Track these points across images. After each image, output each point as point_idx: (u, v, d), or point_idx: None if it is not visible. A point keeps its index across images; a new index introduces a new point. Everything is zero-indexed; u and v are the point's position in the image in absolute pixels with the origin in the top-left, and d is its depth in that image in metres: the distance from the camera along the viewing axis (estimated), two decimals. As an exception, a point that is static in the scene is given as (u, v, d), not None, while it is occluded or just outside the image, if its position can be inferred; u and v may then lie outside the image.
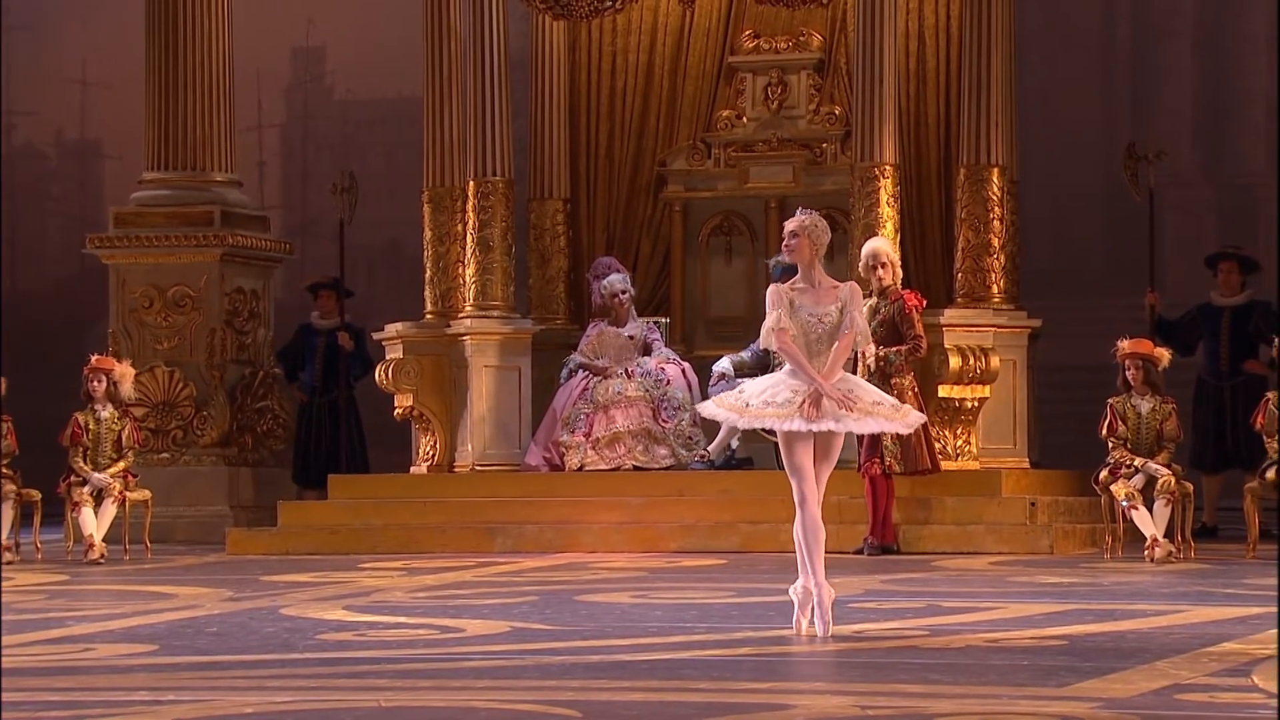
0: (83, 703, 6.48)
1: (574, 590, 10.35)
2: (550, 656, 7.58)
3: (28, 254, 20.69)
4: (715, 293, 15.19)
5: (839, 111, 14.85)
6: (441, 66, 14.36)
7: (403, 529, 13.65)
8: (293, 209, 20.09)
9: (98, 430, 13.47)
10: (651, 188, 15.41)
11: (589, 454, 13.95)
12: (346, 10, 19.41)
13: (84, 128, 20.72)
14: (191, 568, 12.66)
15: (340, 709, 6.33)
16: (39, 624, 9.00)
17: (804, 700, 6.33)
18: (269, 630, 8.58)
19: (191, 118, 15.75)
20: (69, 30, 20.20)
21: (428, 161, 14.53)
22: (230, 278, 15.96)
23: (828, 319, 8.24)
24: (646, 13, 15.19)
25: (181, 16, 15.67)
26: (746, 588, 10.38)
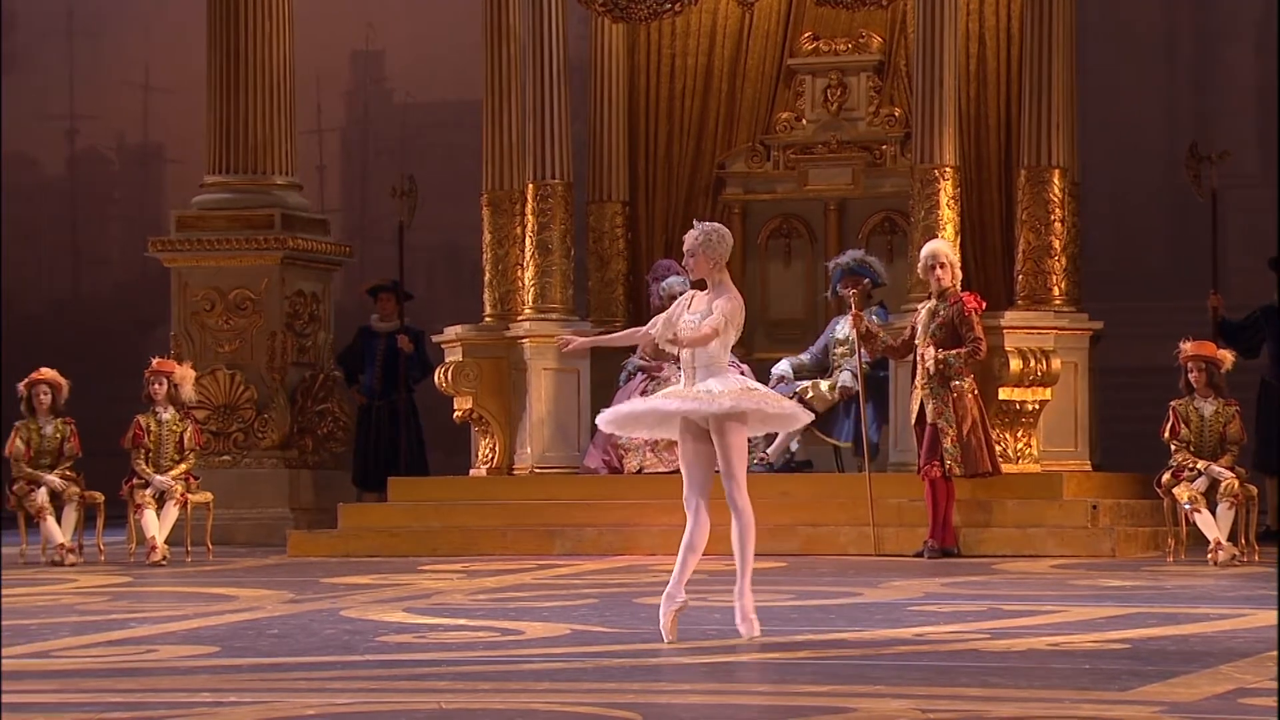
0: (145, 704, 6.51)
1: (633, 593, 10.35)
2: (610, 659, 7.58)
3: (90, 257, 20.85)
4: (774, 295, 15.17)
5: (899, 113, 14.81)
6: (501, 70, 14.39)
7: (462, 531, 13.68)
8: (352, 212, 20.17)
9: (159, 433, 13.54)
10: (710, 190, 15.40)
11: (648, 456, 13.94)
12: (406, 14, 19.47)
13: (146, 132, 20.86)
14: (252, 570, 12.71)
15: (400, 711, 6.34)
16: (102, 625, 9.05)
17: (864, 703, 6.31)
18: (329, 632, 8.60)
19: (252, 122, 15.82)
20: (131, 36, 20.33)
21: (487, 165, 14.56)
22: (291, 281, 16.02)
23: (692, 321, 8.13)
24: (705, 15, 15.18)
25: (242, 21, 15.75)
26: (805, 590, 10.36)
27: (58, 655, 7.85)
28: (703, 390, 8.01)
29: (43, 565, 13.15)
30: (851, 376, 13.61)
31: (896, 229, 14.79)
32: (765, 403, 8.08)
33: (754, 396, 8.04)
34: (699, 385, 8.04)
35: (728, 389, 7.99)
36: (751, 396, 8.03)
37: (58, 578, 12.05)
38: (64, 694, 6.77)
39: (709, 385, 8.02)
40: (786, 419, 8.29)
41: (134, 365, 14.77)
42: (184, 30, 18.49)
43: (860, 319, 13.07)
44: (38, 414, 13.58)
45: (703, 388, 8.02)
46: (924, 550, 12.64)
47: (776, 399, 8.22)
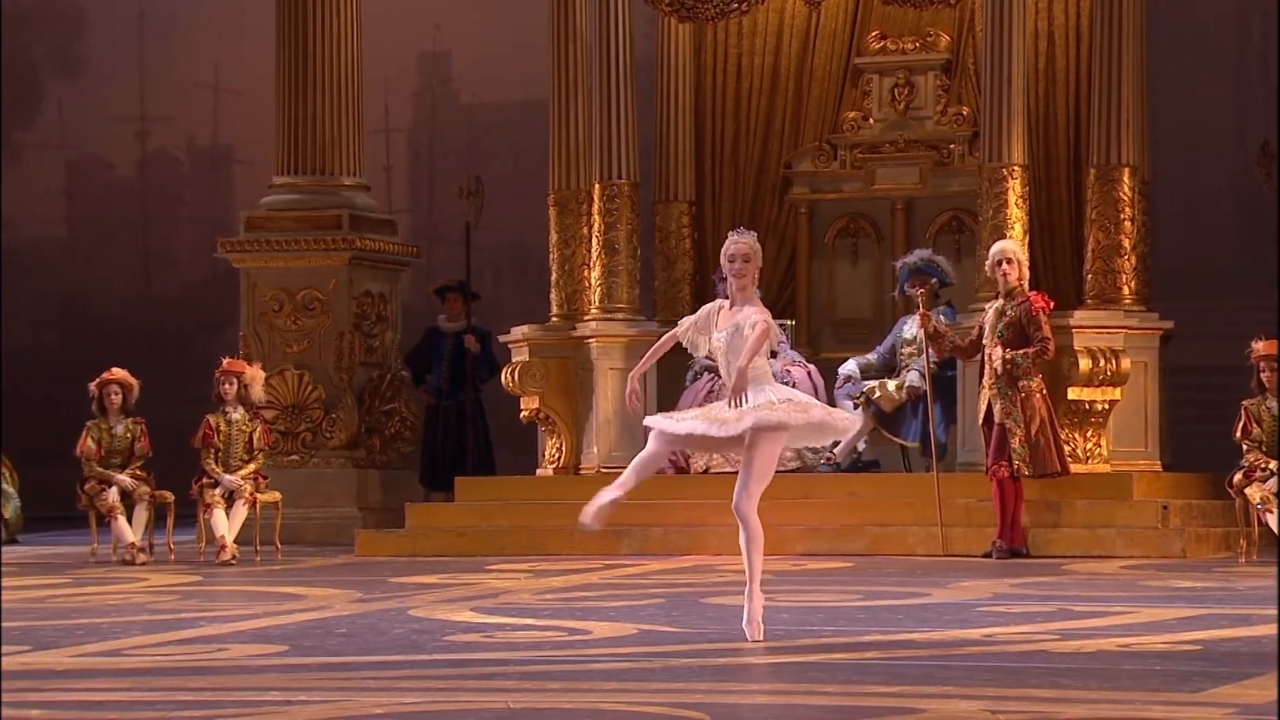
0: (215, 703, 6.54)
1: (700, 592, 10.34)
2: (677, 659, 7.57)
3: (161, 258, 20.98)
4: (841, 295, 15.14)
5: (967, 112, 14.75)
6: (567, 70, 14.40)
7: (529, 531, 13.69)
8: (420, 212, 20.23)
9: (229, 433, 13.61)
10: (777, 189, 15.38)
11: (714, 456, 13.91)
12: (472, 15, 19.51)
13: (216, 133, 20.98)
14: (321, 569, 12.76)
15: (468, 710, 6.35)
16: (172, 624, 9.10)
17: (933, 704, 6.28)
18: (398, 631, 8.63)
19: (321, 123, 15.89)
20: (202, 38, 20.45)
21: (553, 165, 14.58)
22: (358, 281, 16.08)
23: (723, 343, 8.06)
24: (772, 15, 15.16)
25: (311, 23, 15.82)
26: (873, 590, 10.33)
27: (129, 654, 7.90)
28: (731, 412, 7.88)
29: (114, 564, 13.24)
30: (919, 376, 13.56)
31: (964, 228, 14.74)
32: (788, 415, 7.86)
33: (777, 409, 7.86)
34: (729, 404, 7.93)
35: (754, 404, 7.85)
36: (775, 409, 7.86)
37: (128, 576, 12.13)
38: (135, 692, 6.81)
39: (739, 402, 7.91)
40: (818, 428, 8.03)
41: (204, 366, 14.86)
42: (253, 32, 18.59)
43: (927, 318, 13.03)
44: (109, 414, 13.68)
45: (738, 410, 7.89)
46: (992, 550, 12.58)
47: (803, 408, 7.97)
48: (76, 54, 20.94)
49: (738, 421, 7.87)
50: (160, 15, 20.65)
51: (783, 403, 7.91)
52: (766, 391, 7.94)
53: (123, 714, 6.35)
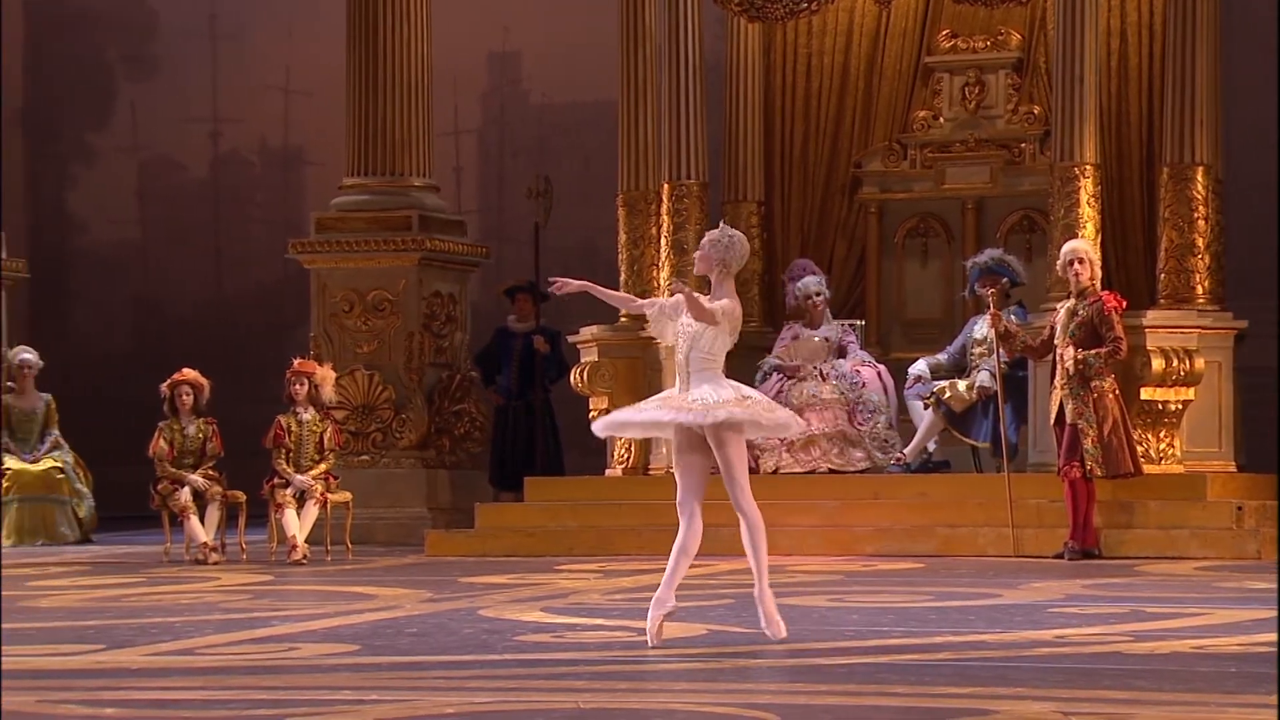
0: (287, 701, 6.57)
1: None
2: (747, 659, 7.56)
3: (232, 259, 21.10)
4: (911, 295, 15.09)
5: (1038, 111, 14.68)
6: (636, 70, 14.40)
7: (598, 531, 13.70)
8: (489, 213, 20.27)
9: (300, 433, 13.68)
10: (846, 189, 15.34)
11: (784, 457, 13.90)
12: (542, 15, 19.54)
13: (287, 135, 21.08)
14: (391, 569, 12.80)
15: (538, 710, 6.36)
16: (244, 623, 9.15)
17: (1005, 705, 6.25)
18: (468, 631, 8.64)
19: (390, 124, 15.95)
20: (273, 40, 20.56)
21: (622, 165, 14.58)
22: (428, 281, 16.13)
23: (689, 328, 8.04)
24: (842, 14, 15.12)
25: (381, 24, 15.88)
26: (944, 591, 10.28)
27: (201, 653, 7.94)
28: (697, 400, 7.90)
29: (186, 564, 13.32)
30: (990, 376, 13.50)
31: (1035, 227, 14.66)
32: (759, 413, 7.93)
33: (748, 406, 7.90)
34: (693, 392, 7.93)
35: (722, 398, 7.88)
36: (746, 406, 7.90)
37: (201, 576, 12.20)
38: (208, 691, 6.85)
39: (703, 394, 7.91)
40: (780, 427, 8.13)
41: (275, 366, 14.94)
42: (324, 34, 18.67)
43: (998, 318, 12.97)
44: (180, 414, 13.76)
45: (697, 395, 7.91)
46: (1064, 551, 12.51)
47: (769, 407, 8.06)
48: (149, 56, 21.08)
49: (705, 413, 7.87)
50: (231, 17, 20.77)
51: (747, 399, 7.94)
52: (725, 387, 7.93)
53: (196, 713, 6.38)
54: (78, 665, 7.58)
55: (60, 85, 21.10)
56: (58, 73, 21.12)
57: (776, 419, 8.03)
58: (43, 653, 7.95)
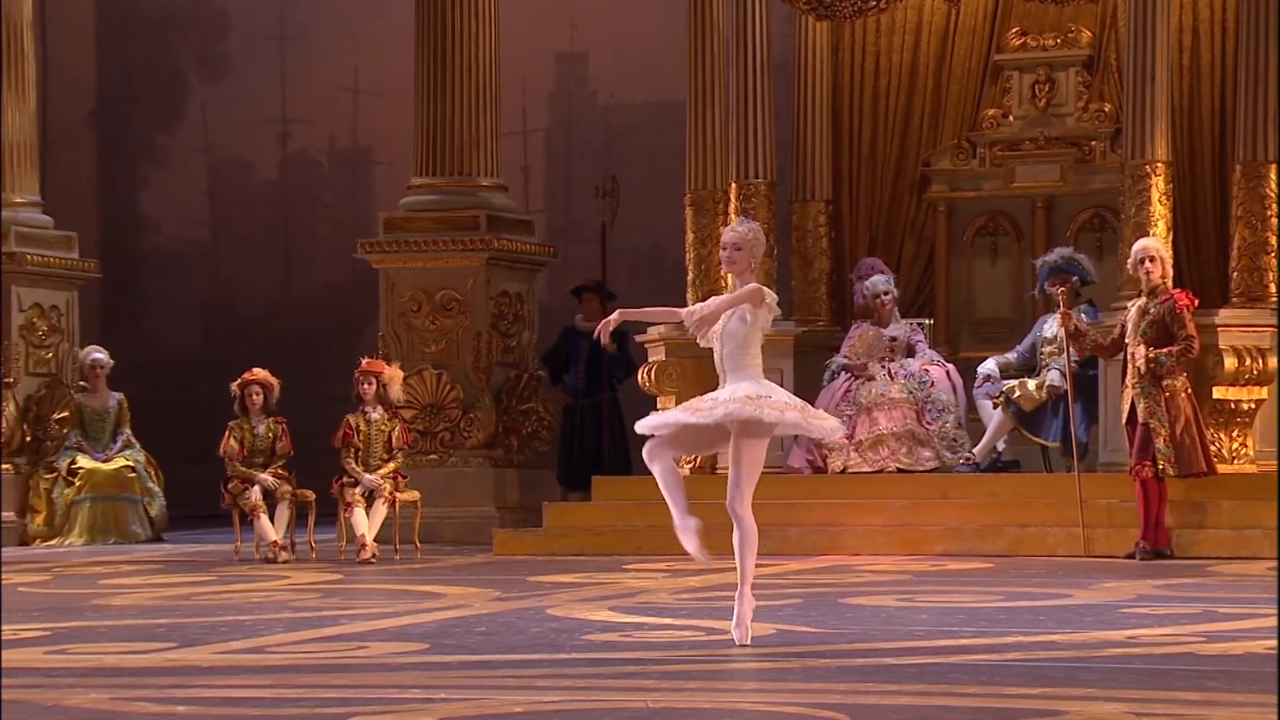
0: (356, 700, 6.59)
1: (839, 593, 10.29)
2: (816, 659, 7.54)
3: (301, 259, 21.19)
4: (980, 294, 15.03)
5: (1109, 108, 14.59)
6: (704, 69, 14.39)
7: (666, 530, 13.54)
8: (556, 212, 20.29)
9: (368, 432, 13.72)
10: (915, 188, 15.29)
11: (852, 456, 13.86)
12: (609, 15, 19.54)
13: (355, 135, 21.16)
14: (459, 568, 12.83)
15: (607, 710, 6.35)
16: (314, 622, 9.19)
17: (1076, 706, 6.21)
18: (536, 630, 8.65)
19: (459, 124, 15.99)
20: (341, 40, 20.63)
21: (690, 164, 14.57)
22: (496, 281, 16.16)
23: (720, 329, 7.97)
24: (911, 12, 15.07)
25: (450, 25, 15.92)
26: (1014, 591, 10.23)
27: (272, 651, 7.97)
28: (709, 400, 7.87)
29: (256, 562, 13.39)
30: (1060, 375, 13.42)
31: (1106, 226, 14.58)
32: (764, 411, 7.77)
33: (757, 403, 7.78)
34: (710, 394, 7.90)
35: (732, 396, 7.81)
36: (754, 403, 7.78)
37: (271, 574, 12.26)
38: (278, 689, 6.88)
39: (719, 394, 7.88)
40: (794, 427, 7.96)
41: (343, 366, 14.99)
42: (392, 34, 18.73)
43: (1068, 317, 12.90)
44: (250, 414, 13.84)
45: (712, 396, 7.89)
46: (1136, 551, 12.43)
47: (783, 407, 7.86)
48: (219, 58, 21.20)
49: (710, 412, 7.83)
50: (300, 19, 20.85)
51: (763, 397, 7.82)
52: (750, 385, 7.85)
53: (266, 710, 6.41)
54: (149, 663, 7.63)
55: (132, 87, 21.25)
56: (129, 74, 21.27)
57: (785, 419, 7.85)
58: (115, 650, 8.00)
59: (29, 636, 8.56)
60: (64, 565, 13.39)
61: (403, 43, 16.76)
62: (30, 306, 16.58)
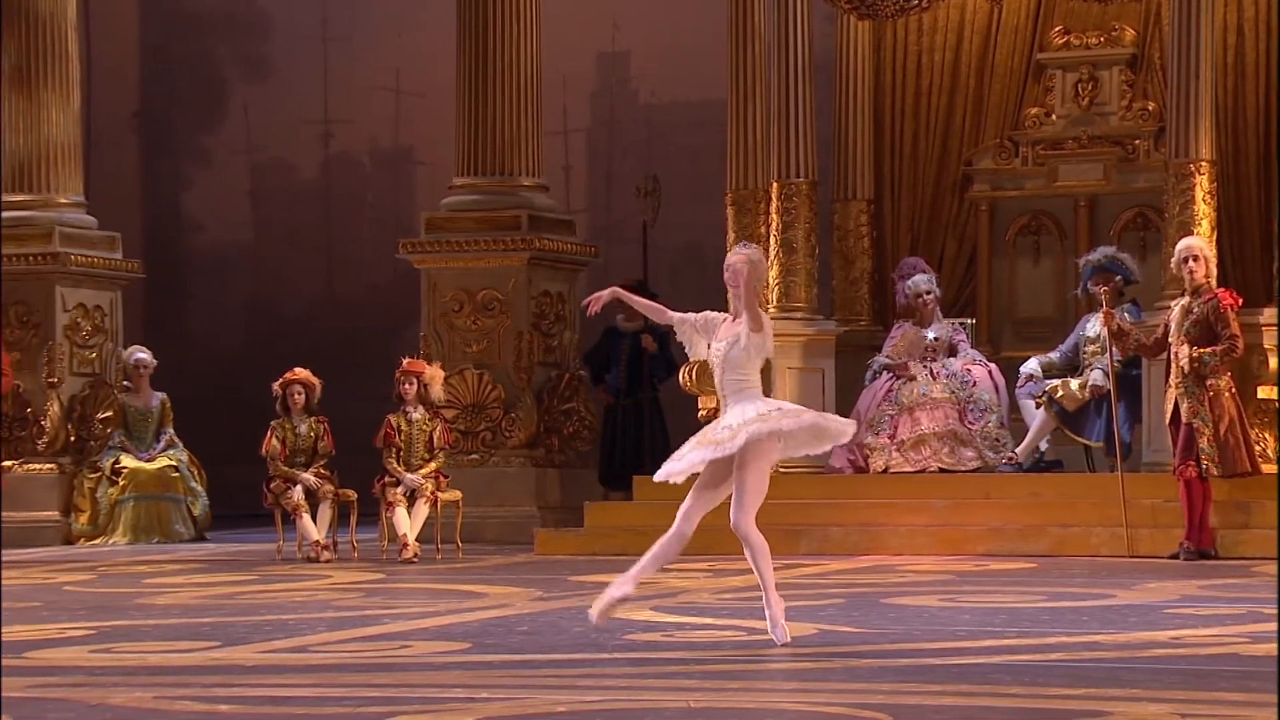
0: (399, 699, 6.60)
1: (880, 593, 10.27)
2: (858, 659, 7.53)
3: (343, 259, 21.23)
4: (1023, 293, 14.98)
5: (1152, 107, 14.53)
6: (746, 69, 14.37)
7: (707, 530, 13.51)
8: (598, 212, 20.28)
9: (410, 432, 13.75)
10: (957, 187, 15.26)
11: (894, 456, 13.83)
12: (651, 14, 19.53)
13: (397, 135, 21.19)
14: (501, 568, 12.85)
15: (649, 709, 6.35)
16: (356, 621, 9.21)
17: (1120, 707, 6.19)
18: (578, 630, 8.65)
19: (500, 124, 16.00)
20: (383, 41, 20.67)
21: (731, 164, 14.55)
22: (537, 281, 16.17)
23: (721, 352, 7.99)
24: (953, 11, 15.04)
25: (491, 25, 15.94)
26: (1057, 592, 10.19)
27: (315, 650, 7.99)
28: (725, 428, 7.88)
29: (299, 561, 13.42)
30: (1103, 375, 13.38)
31: (1150, 225, 14.52)
32: (781, 423, 7.85)
33: (769, 418, 7.84)
34: (723, 420, 7.92)
35: (745, 418, 7.84)
36: (766, 419, 7.84)
37: (313, 574, 12.29)
38: (321, 688, 6.89)
39: (730, 419, 7.89)
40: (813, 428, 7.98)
41: (385, 366, 15.02)
42: (433, 35, 18.75)
43: (1111, 316, 12.85)
44: (292, 413, 13.87)
45: (725, 423, 7.90)
46: (1180, 552, 12.38)
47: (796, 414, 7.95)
48: (262, 59, 21.26)
49: (732, 440, 7.86)
50: (342, 19, 20.90)
51: (773, 412, 7.89)
52: (756, 404, 7.91)
53: (309, 709, 6.43)
54: (193, 662, 7.65)
55: (175, 88, 21.32)
56: (172, 75, 21.35)
57: (802, 422, 7.94)
58: (159, 650, 8.03)
59: (74, 635, 8.60)
60: (108, 564, 13.46)
61: (444, 43, 16.78)
62: (74, 307, 16.66)
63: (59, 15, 16.53)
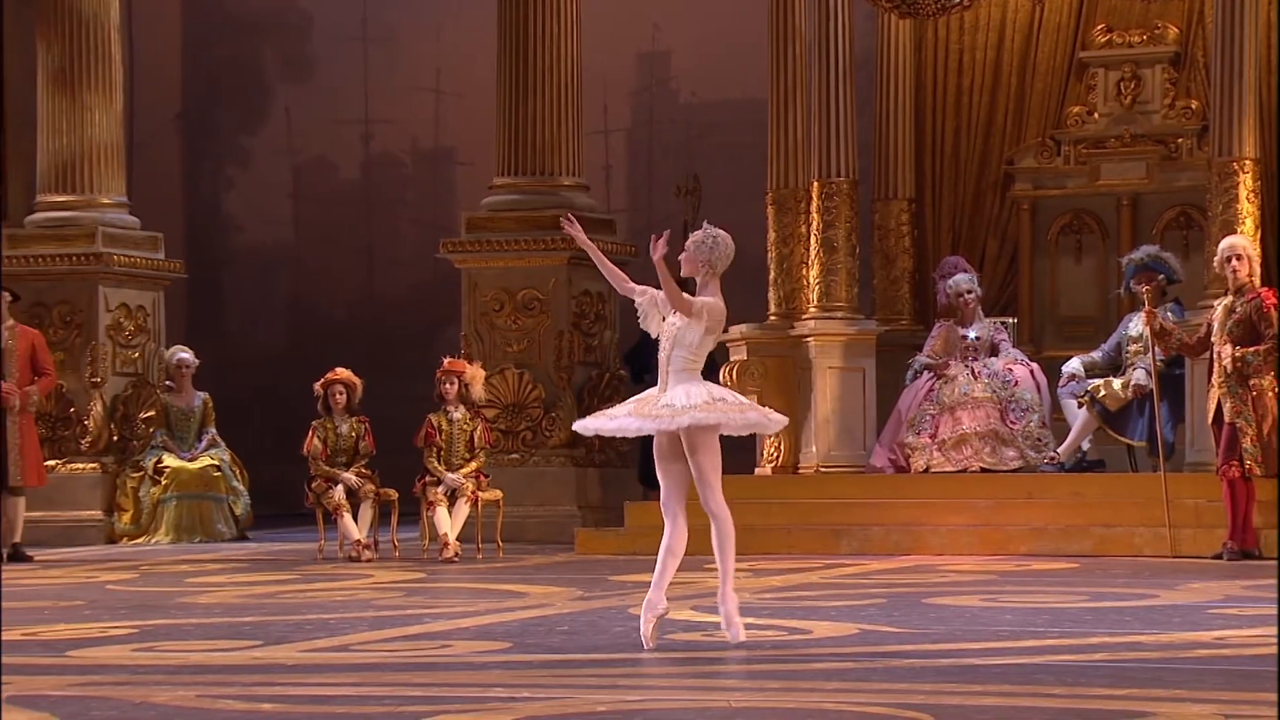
0: (440, 698, 6.61)
1: (922, 593, 10.25)
2: (900, 659, 7.51)
3: (384, 259, 21.28)
4: (1064, 292, 14.93)
5: (1195, 105, 14.47)
6: (786, 68, 14.35)
7: (747, 530, 13.59)
8: (638, 212, 20.29)
9: (451, 431, 13.77)
10: (998, 186, 15.21)
11: (935, 456, 13.79)
12: (691, 14, 19.53)
13: (438, 135, 21.23)
14: (541, 567, 12.85)
15: (689, 708, 6.35)
16: (398, 620, 9.22)
17: (1164, 708, 6.16)
18: (618, 629, 8.65)
19: (541, 124, 16.02)
20: (423, 42, 20.71)
21: (772, 163, 14.54)
22: (577, 281, 16.18)
23: (673, 327, 7.97)
24: (995, 9, 15.00)
25: (531, 25, 15.96)
26: (1100, 592, 10.15)
27: (356, 649, 8.01)
28: (665, 405, 7.88)
29: (340, 561, 13.45)
30: (1145, 374, 13.32)
31: (1193, 224, 14.46)
32: (728, 415, 7.89)
33: (716, 408, 7.86)
34: (665, 396, 7.91)
35: (691, 402, 7.85)
36: (714, 408, 7.86)
37: (354, 573, 12.32)
38: (363, 687, 6.91)
39: (673, 397, 7.89)
40: (753, 427, 8.06)
41: (425, 365, 15.04)
42: (474, 35, 18.79)
43: (1154, 316, 12.79)
44: (334, 413, 13.90)
45: (667, 400, 7.90)
46: (1223, 552, 12.32)
47: (741, 408, 7.99)
48: (303, 59, 21.33)
49: (672, 419, 7.84)
50: (383, 20, 20.95)
51: (717, 401, 7.89)
52: (699, 389, 7.90)
53: (351, 708, 6.44)
54: (235, 661, 7.68)
55: (217, 89, 21.40)
56: (214, 76, 21.43)
57: (748, 419, 7.99)
58: (201, 648, 8.06)
59: (117, 634, 8.63)
60: (150, 563, 13.51)
61: (485, 43, 16.80)
62: (117, 306, 16.73)
63: (102, 16, 16.60)
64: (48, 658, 7.78)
